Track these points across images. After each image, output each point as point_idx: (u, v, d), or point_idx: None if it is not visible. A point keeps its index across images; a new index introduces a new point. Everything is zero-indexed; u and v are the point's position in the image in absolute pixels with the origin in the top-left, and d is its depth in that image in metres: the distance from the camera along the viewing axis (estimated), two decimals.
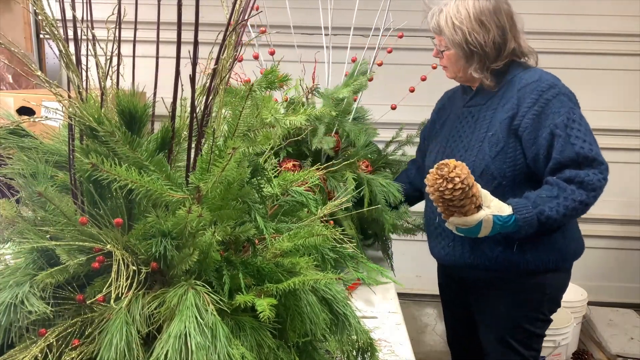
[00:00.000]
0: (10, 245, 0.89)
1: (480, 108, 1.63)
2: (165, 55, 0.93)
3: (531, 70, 1.58)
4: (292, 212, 1.17)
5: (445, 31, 1.57)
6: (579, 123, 1.50)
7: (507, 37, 1.55)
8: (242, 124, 0.83)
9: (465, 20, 1.53)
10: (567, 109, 1.50)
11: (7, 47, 0.80)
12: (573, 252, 1.65)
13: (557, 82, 1.55)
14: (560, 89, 1.53)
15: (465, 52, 1.56)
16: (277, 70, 0.88)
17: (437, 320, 3.25)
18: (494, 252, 1.59)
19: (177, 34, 0.81)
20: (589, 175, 1.45)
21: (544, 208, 1.45)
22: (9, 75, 2.84)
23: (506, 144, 1.53)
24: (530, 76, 1.55)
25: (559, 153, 1.47)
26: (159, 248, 0.79)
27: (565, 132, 1.47)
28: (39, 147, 0.94)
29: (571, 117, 1.49)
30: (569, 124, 1.48)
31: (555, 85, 1.53)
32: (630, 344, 2.78)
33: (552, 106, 1.50)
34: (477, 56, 1.56)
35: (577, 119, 1.50)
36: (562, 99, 1.51)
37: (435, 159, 1.64)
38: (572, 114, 1.50)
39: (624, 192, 3.12)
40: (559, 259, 1.60)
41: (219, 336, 0.75)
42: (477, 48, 1.54)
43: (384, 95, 2.24)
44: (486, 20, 1.53)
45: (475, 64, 1.58)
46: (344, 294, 0.95)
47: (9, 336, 0.80)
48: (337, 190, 1.67)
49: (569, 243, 1.62)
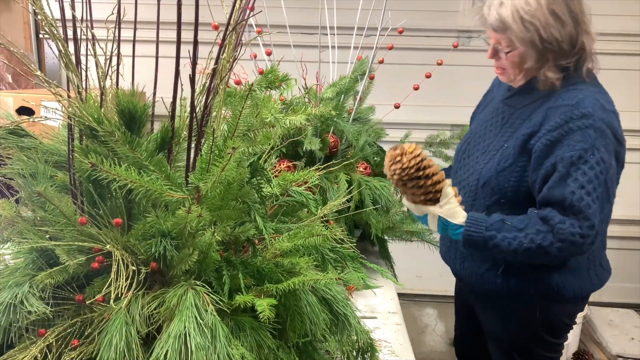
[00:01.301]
0: (10, 245, 0.89)
1: (513, 112, 1.47)
2: (165, 55, 0.93)
3: (576, 90, 1.36)
4: (292, 212, 1.16)
5: (513, 27, 1.33)
6: (591, 167, 1.28)
7: (579, 29, 1.34)
8: (242, 124, 0.82)
9: (537, 13, 1.30)
10: (586, 147, 1.28)
11: (6, 47, 0.80)
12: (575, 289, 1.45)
13: (596, 112, 1.30)
14: (594, 122, 1.29)
15: (538, 50, 1.34)
16: (276, 70, 0.88)
17: (437, 321, 3.25)
18: (480, 269, 1.50)
19: (177, 33, 0.81)
20: (565, 223, 1.27)
21: (497, 235, 1.31)
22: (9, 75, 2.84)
23: (515, 161, 1.39)
24: (569, 97, 1.34)
25: (548, 188, 1.31)
26: (159, 248, 0.79)
27: (566, 170, 1.29)
28: (38, 147, 0.94)
29: (584, 157, 1.28)
30: (576, 163, 1.28)
31: (589, 116, 1.30)
32: (630, 344, 2.78)
33: (571, 138, 1.30)
34: (552, 54, 1.34)
35: (591, 162, 1.28)
36: (588, 133, 1.29)
37: (461, 147, 1.61)
38: (590, 154, 1.28)
39: (624, 192, 3.09)
40: (551, 292, 1.44)
41: (218, 336, 0.75)
42: (553, 44, 1.32)
43: (387, 95, 2.24)
44: (559, 11, 1.31)
45: (550, 62, 1.35)
46: (344, 294, 0.95)
47: (8, 336, 0.80)
48: (330, 192, 1.66)
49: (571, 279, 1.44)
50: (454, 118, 3.13)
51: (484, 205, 1.46)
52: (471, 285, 1.59)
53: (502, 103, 1.53)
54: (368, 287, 1.46)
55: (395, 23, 1.88)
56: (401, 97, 1.93)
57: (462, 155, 1.59)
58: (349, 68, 1.91)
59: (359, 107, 1.95)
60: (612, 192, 1.34)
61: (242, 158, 0.87)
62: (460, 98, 2.98)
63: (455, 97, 3.02)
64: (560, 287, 1.43)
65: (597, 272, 1.49)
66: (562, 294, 1.44)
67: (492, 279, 1.48)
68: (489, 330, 1.63)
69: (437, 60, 1.84)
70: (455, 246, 1.58)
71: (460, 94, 3.04)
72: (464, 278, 1.60)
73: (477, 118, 1.65)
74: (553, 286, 1.43)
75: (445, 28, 3.06)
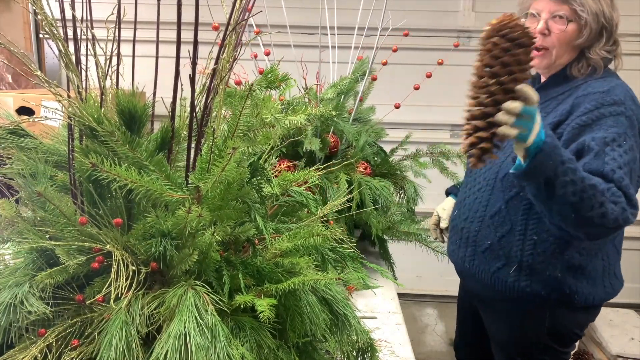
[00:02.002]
0: (10, 245, 0.89)
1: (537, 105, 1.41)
2: (165, 55, 0.93)
3: (606, 81, 1.35)
4: (292, 212, 1.16)
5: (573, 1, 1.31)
6: (625, 151, 1.22)
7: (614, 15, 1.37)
8: (242, 124, 0.82)
9: None
10: (619, 131, 1.24)
11: (6, 47, 0.80)
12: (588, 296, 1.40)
13: (627, 101, 1.29)
14: (625, 110, 1.27)
15: (598, 26, 1.33)
16: (276, 70, 0.88)
17: (437, 321, 3.25)
18: (491, 268, 1.45)
19: (177, 33, 0.81)
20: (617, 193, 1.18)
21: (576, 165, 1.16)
22: (9, 75, 2.84)
23: None
24: (600, 85, 1.32)
25: (584, 164, 1.21)
26: (159, 248, 0.79)
27: (601, 148, 1.22)
28: (38, 147, 0.94)
29: (618, 141, 1.23)
30: (610, 144, 1.23)
31: (621, 103, 1.28)
32: (630, 344, 2.78)
33: (604, 123, 1.25)
34: (607, 34, 1.35)
35: (624, 146, 1.23)
36: (620, 119, 1.25)
37: None
38: (623, 139, 1.23)
39: None
40: (563, 296, 1.39)
41: (218, 336, 0.75)
42: (611, 24, 1.34)
43: (387, 95, 2.24)
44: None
45: (602, 42, 1.35)
46: (344, 294, 0.95)
47: (8, 336, 0.80)
48: (330, 192, 1.66)
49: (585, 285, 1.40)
50: (454, 118, 3.14)
51: (502, 199, 1.42)
52: (479, 285, 1.53)
53: None
54: (368, 287, 1.46)
55: (395, 23, 1.88)
56: (401, 97, 1.93)
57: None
58: (349, 68, 1.91)
59: (360, 107, 1.95)
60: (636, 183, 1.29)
61: (242, 158, 0.87)
62: (460, 98, 2.97)
63: (455, 97, 3.01)
64: (572, 292, 1.39)
65: (612, 281, 1.47)
66: (574, 299, 1.40)
67: (503, 278, 1.43)
68: (493, 335, 1.59)
69: (437, 60, 1.84)
70: (466, 243, 1.52)
71: (460, 94, 3.03)
72: (472, 277, 1.54)
73: None
74: (565, 290, 1.39)
75: (445, 28, 3.07)
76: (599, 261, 1.41)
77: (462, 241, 1.54)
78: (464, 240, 1.53)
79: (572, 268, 1.38)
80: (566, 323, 1.46)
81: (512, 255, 1.41)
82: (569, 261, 1.38)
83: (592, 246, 1.39)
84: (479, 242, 1.48)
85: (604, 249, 1.42)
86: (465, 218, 1.53)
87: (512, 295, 1.44)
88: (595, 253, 1.40)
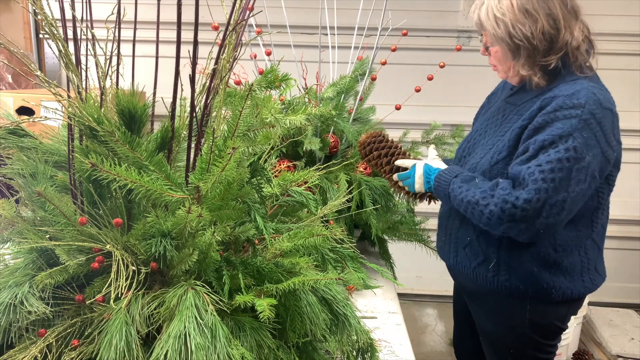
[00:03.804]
0: (10, 245, 0.89)
1: (513, 109, 1.48)
2: (165, 55, 0.93)
3: (577, 83, 1.35)
4: (292, 212, 1.16)
5: (486, 25, 1.40)
6: (557, 152, 1.27)
7: (559, 26, 1.34)
8: (242, 124, 0.82)
9: (507, 11, 1.35)
10: (562, 134, 1.27)
11: (6, 47, 0.80)
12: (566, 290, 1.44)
13: (589, 105, 1.29)
14: (581, 113, 1.28)
15: (510, 47, 1.38)
16: (276, 70, 0.88)
17: (437, 321, 3.25)
18: (472, 263, 1.50)
19: (177, 33, 0.81)
20: (505, 190, 1.29)
21: (459, 184, 1.40)
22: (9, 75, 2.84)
23: (510, 153, 1.39)
24: (567, 88, 1.33)
25: (513, 165, 1.34)
26: (159, 248, 0.79)
27: (535, 152, 1.30)
28: (38, 147, 0.94)
29: (556, 143, 1.27)
30: (546, 147, 1.29)
31: (579, 107, 1.29)
32: (630, 344, 2.78)
33: (554, 125, 1.29)
34: (525, 50, 1.37)
35: (560, 148, 1.27)
36: (571, 122, 1.28)
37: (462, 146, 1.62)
38: (563, 141, 1.27)
39: (624, 192, 3.11)
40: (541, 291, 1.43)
41: (218, 336, 0.75)
42: (524, 41, 1.35)
43: (387, 95, 2.24)
44: (532, 9, 1.34)
45: (522, 59, 1.38)
46: (344, 294, 0.95)
47: (8, 336, 0.80)
48: (330, 192, 1.66)
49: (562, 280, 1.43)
50: (454, 118, 3.13)
51: None
52: (464, 280, 1.59)
53: (504, 102, 1.54)
54: (368, 287, 1.46)
55: (395, 23, 1.88)
56: (401, 97, 1.93)
57: (463, 153, 1.60)
58: (349, 68, 1.91)
59: (360, 107, 1.95)
60: (579, 185, 1.29)
61: (242, 158, 0.87)
62: (460, 98, 2.99)
63: (455, 97, 3.03)
64: (550, 287, 1.43)
65: (592, 276, 1.48)
66: (551, 294, 1.44)
67: (483, 273, 1.49)
68: (482, 329, 1.63)
69: (437, 60, 1.84)
70: (449, 240, 1.58)
71: (460, 94, 3.04)
72: (458, 272, 1.60)
73: (480, 119, 1.66)
74: (543, 285, 1.43)
75: (445, 28, 3.07)
76: (576, 257, 1.44)
77: (447, 238, 1.61)
78: (448, 237, 1.59)
79: (548, 264, 1.42)
80: (547, 316, 1.50)
81: (490, 251, 1.47)
82: (545, 258, 1.42)
83: (567, 243, 1.42)
84: (460, 238, 1.54)
85: (582, 246, 1.45)
86: (448, 216, 1.59)
87: (493, 289, 1.49)
88: (571, 250, 1.43)
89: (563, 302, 1.48)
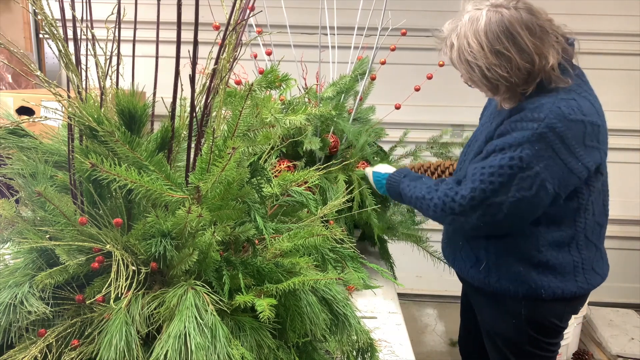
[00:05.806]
0: (10, 245, 0.89)
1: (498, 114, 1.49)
2: (165, 55, 0.93)
3: (547, 96, 1.35)
4: (292, 212, 1.16)
5: (460, 69, 1.41)
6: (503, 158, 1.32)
7: (533, 59, 1.31)
8: (242, 124, 0.82)
9: (479, 55, 1.33)
10: (513, 142, 1.31)
11: (6, 47, 0.80)
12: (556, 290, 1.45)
13: (548, 119, 1.29)
14: (537, 127, 1.30)
15: (489, 87, 1.39)
16: (276, 70, 0.88)
17: (437, 321, 3.25)
18: (466, 265, 1.56)
19: (177, 33, 0.81)
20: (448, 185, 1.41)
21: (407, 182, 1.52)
22: (9, 75, 2.84)
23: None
24: (534, 101, 1.34)
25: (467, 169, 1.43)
26: (159, 248, 0.79)
27: (486, 155, 1.37)
28: (38, 147, 0.94)
29: (505, 149, 1.32)
30: (497, 152, 1.34)
31: (537, 121, 1.30)
32: (630, 344, 2.78)
33: (510, 134, 1.34)
34: (504, 87, 1.36)
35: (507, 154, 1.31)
36: (525, 134, 1.30)
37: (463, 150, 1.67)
38: (513, 149, 1.31)
39: (624, 192, 3.12)
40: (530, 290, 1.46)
41: (218, 336, 0.75)
42: (501, 81, 1.34)
43: (387, 95, 2.23)
44: (503, 49, 1.30)
45: (502, 94, 1.40)
46: (344, 294, 0.95)
47: (8, 336, 0.80)
48: (330, 192, 1.66)
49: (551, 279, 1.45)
50: (454, 118, 3.14)
51: None
52: (464, 281, 1.66)
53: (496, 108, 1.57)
54: (368, 287, 1.46)
55: (395, 23, 1.88)
56: (401, 97, 1.93)
57: (464, 157, 1.63)
58: (349, 68, 1.91)
59: (359, 107, 1.95)
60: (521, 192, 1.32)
61: (242, 158, 0.87)
62: (460, 98, 2.99)
63: (455, 97, 3.03)
64: (538, 287, 1.45)
65: (587, 275, 1.49)
66: (541, 293, 1.45)
67: (476, 275, 1.53)
68: (483, 326, 1.66)
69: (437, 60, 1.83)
70: (449, 242, 1.64)
71: (460, 94, 3.03)
72: (458, 274, 1.67)
73: (480, 122, 1.68)
74: (531, 284, 1.45)
75: None
76: (567, 257, 1.46)
77: (447, 240, 1.67)
78: (448, 240, 1.66)
79: (534, 264, 1.45)
80: (543, 314, 1.51)
81: (480, 254, 1.52)
82: (529, 259, 1.45)
83: (552, 244, 1.44)
84: (455, 241, 1.60)
85: (570, 245, 1.46)
86: None
87: (487, 289, 1.53)
88: (559, 250, 1.45)
89: (556, 301, 1.49)
